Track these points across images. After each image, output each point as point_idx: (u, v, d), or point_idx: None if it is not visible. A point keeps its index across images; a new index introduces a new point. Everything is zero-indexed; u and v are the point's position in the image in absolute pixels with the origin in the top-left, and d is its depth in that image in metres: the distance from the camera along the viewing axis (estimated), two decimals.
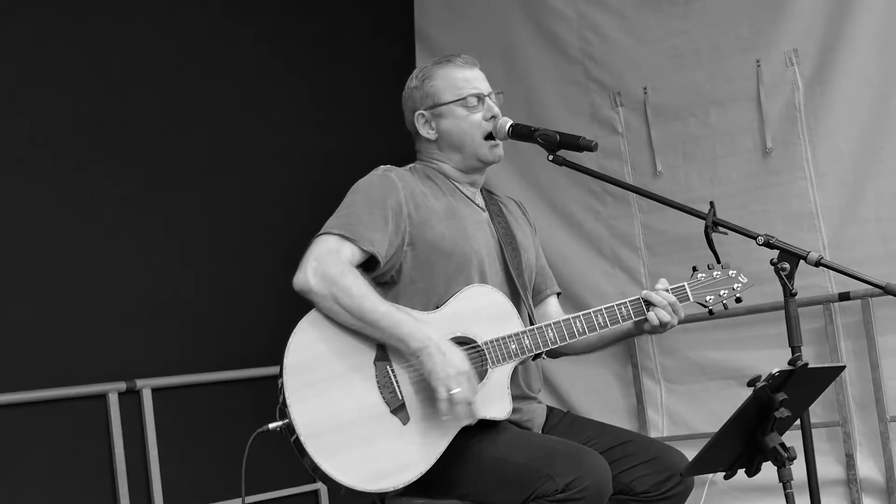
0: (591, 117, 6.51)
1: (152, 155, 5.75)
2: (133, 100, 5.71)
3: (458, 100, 3.45)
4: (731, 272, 3.48)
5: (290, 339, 3.12)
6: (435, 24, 7.00)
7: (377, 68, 6.68)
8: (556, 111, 6.56)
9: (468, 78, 3.48)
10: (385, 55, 6.78)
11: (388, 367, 3.16)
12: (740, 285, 3.48)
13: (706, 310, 3.47)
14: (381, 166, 3.44)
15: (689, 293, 3.44)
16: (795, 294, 3.15)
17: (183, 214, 5.83)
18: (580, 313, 3.34)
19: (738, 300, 3.47)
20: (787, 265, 3.16)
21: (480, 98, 3.46)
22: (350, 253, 3.21)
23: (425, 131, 3.50)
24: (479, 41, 6.74)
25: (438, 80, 3.48)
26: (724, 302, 3.46)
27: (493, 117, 3.45)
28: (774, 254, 3.20)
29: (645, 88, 6.29)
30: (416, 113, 3.50)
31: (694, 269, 3.48)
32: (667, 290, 3.40)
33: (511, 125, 3.46)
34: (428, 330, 3.14)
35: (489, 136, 3.45)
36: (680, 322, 3.41)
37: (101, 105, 5.60)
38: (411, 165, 3.51)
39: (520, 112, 6.37)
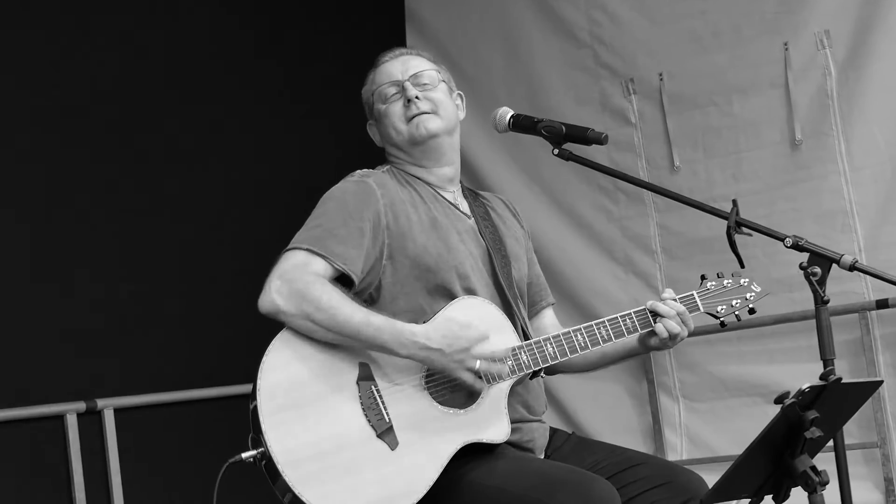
0: (601, 107, 6.51)
1: (113, 164, 5.75)
2: (93, 98, 5.72)
3: (379, 98, 3.49)
4: (742, 280, 3.49)
5: (263, 360, 3.09)
6: (427, 3, 7.00)
7: (361, 55, 6.64)
8: (562, 100, 6.56)
9: (388, 70, 3.52)
10: (371, 39, 6.75)
11: (372, 386, 3.15)
12: (753, 294, 3.48)
13: (717, 321, 3.47)
14: (357, 171, 3.44)
15: (699, 303, 3.45)
16: (828, 301, 3.15)
17: (147, 223, 5.83)
18: (581, 326, 3.34)
19: (752, 311, 3.48)
20: (818, 269, 3.16)
21: (398, 84, 3.48)
22: (321, 269, 3.20)
23: (377, 140, 3.56)
24: (476, 23, 6.74)
25: (368, 85, 3.56)
26: (737, 313, 3.46)
27: (409, 101, 3.44)
28: (804, 257, 3.19)
29: (660, 75, 6.29)
30: (368, 124, 3.59)
31: (703, 277, 3.50)
32: (674, 300, 3.40)
33: (512, 116, 3.46)
34: (407, 331, 3.14)
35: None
36: (690, 334, 3.42)
37: (58, 104, 5.61)
38: (386, 168, 3.51)
39: (522, 102, 6.37)
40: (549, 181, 6.61)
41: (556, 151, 3.41)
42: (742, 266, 3.41)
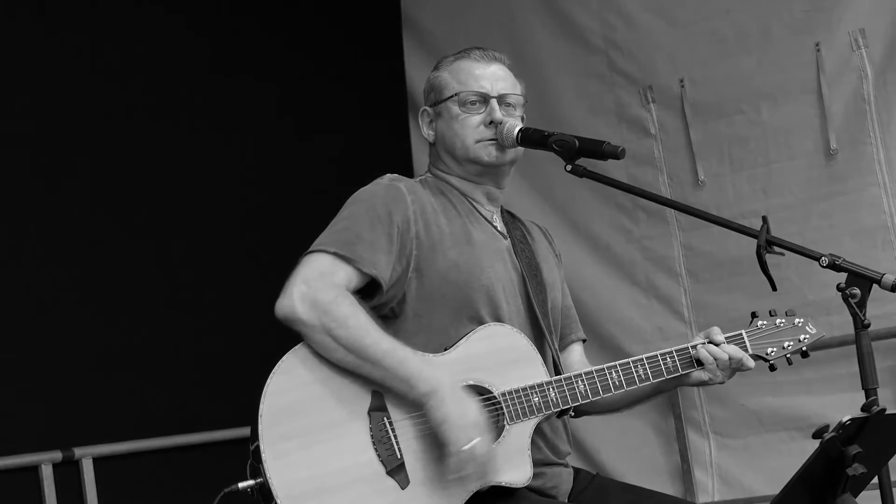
0: (617, 117, 6.52)
1: (87, 187, 5.75)
2: (68, 117, 5.74)
3: (453, 96, 3.48)
4: (797, 320, 3.51)
5: (269, 380, 3.10)
6: (425, 7, 7.01)
7: (356, 61, 6.69)
8: (575, 111, 6.58)
9: (477, 74, 3.51)
10: (366, 45, 6.77)
11: (385, 418, 3.15)
12: (808, 336, 3.50)
13: (766, 364, 3.48)
14: (388, 174, 3.45)
15: (748, 344, 3.46)
16: (869, 325, 3.17)
17: (125, 250, 5.82)
18: (617, 363, 3.35)
19: (805, 354, 3.50)
20: (857, 291, 3.17)
21: (484, 98, 3.47)
22: (346, 277, 3.21)
23: (426, 131, 3.56)
24: (479, 27, 6.74)
25: (445, 73, 3.54)
26: (789, 356, 3.48)
27: (493, 123, 3.46)
28: (842, 277, 3.21)
29: (681, 81, 6.31)
30: (422, 109, 3.57)
31: (753, 315, 3.51)
32: (725, 343, 3.41)
33: (520, 129, 3.47)
34: (438, 372, 3.15)
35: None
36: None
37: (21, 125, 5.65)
38: (423, 177, 3.54)
39: (530, 113, 6.32)
40: (563, 200, 6.63)
41: (568, 167, 3.43)
42: (774, 289, 3.41)
